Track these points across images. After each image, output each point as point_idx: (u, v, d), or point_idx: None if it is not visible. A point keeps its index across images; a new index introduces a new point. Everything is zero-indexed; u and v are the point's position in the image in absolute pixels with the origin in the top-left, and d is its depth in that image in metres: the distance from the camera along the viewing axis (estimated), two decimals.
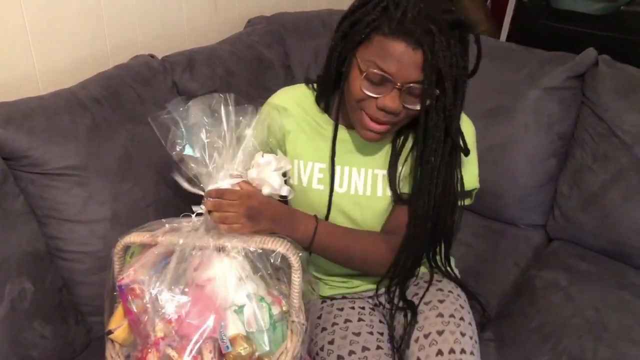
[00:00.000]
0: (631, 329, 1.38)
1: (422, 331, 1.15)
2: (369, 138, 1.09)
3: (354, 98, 1.04)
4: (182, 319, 0.96)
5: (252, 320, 0.97)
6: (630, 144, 1.55)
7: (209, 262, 0.99)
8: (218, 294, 0.97)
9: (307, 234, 1.08)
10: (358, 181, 1.19)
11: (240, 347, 0.94)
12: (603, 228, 1.61)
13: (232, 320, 0.97)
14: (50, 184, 1.22)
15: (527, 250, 1.72)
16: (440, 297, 1.20)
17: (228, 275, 0.98)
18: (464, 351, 1.10)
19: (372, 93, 1.01)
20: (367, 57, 1.00)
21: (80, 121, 1.25)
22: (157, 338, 0.96)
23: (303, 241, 1.08)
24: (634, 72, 1.61)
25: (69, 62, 1.42)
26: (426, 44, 0.95)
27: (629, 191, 1.55)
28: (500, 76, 1.73)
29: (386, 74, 0.98)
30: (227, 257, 0.99)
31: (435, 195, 1.10)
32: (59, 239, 1.25)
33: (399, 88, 0.99)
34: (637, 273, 1.58)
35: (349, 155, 1.19)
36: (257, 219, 1.00)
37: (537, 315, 1.43)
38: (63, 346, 1.25)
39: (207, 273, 0.98)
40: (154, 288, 0.97)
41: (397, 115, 1.04)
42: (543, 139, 1.68)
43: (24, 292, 1.17)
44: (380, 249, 1.16)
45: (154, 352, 0.97)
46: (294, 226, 1.07)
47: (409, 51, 0.96)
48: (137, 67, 1.43)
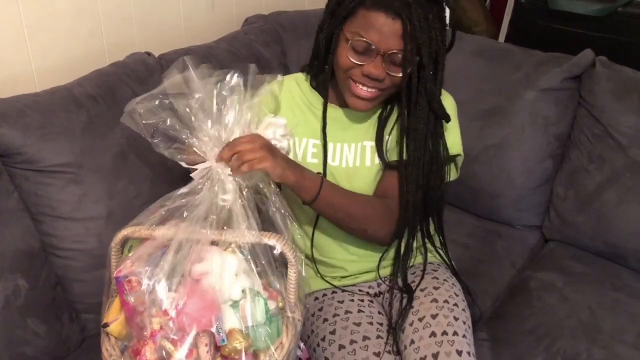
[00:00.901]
0: (625, 330, 1.38)
1: (416, 315, 1.20)
2: (358, 106, 1.17)
3: (341, 67, 1.14)
4: (178, 311, 0.96)
5: (248, 314, 0.97)
6: (626, 146, 1.55)
7: (205, 256, 0.99)
8: (214, 288, 0.97)
9: (314, 185, 1.12)
10: (349, 155, 1.26)
11: (236, 340, 0.94)
12: (599, 229, 1.61)
13: (228, 314, 0.97)
14: (44, 181, 1.21)
15: (522, 251, 1.72)
16: (435, 284, 1.27)
17: (224, 270, 0.98)
18: (456, 333, 1.14)
19: (358, 61, 1.11)
20: (353, 29, 1.10)
21: (76, 118, 1.25)
22: (153, 330, 0.96)
23: (310, 191, 1.11)
24: (630, 74, 1.61)
25: (65, 59, 1.42)
26: (404, 14, 1.04)
27: (624, 193, 1.55)
28: (496, 77, 1.73)
29: (369, 42, 1.08)
30: (223, 252, 0.99)
31: (423, 162, 1.17)
32: (54, 236, 1.25)
33: (382, 55, 1.09)
34: (632, 274, 1.58)
35: (340, 133, 1.25)
36: (275, 153, 1.02)
37: (532, 316, 1.43)
38: (57, 344, 1.25)
39: (203, 267, 0.98)
40: (150, 279, 0.97)
41: (382, 81, 1.12)
42: (539, 140, 1.68)
43: (18, 289, 1.17)
44: (377, 208, 1.21)
45: (150, 344, 0.97)
46: (303, 174, 1.10)
47: (389, 21, 1.06)
48: (133, 65, 1.42)
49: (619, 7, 2.16)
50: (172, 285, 0.97)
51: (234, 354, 0.95)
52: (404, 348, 1.17)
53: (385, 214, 1.21)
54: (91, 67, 1.39)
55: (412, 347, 1.15)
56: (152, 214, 1.02)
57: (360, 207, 1.19)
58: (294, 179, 1.06)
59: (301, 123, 1.26)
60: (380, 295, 1.35)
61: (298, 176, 1.07)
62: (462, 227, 1.77)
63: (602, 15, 2.18)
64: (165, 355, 0.95)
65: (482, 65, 1.77)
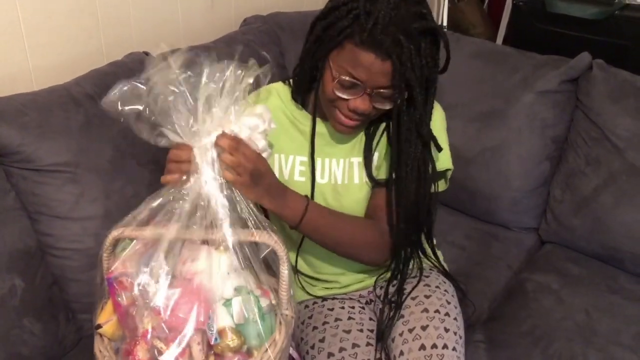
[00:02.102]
0: (621, 332, 1.39)
1: (406, 326, 1.18)
2: (343, 132, 1.16)
3: (327, 98, 1.10)
4: (170, 311, 0.95)
5: (241, 312, 0.97)
6: (622, 149, 1.56)
7: (196, 255, 0.98)
8: (206, 287, 0.97)
9: (297, 211, 1.08)
10: (337, 171, 1.23)
11: (228, 339, 0.94)
12: (595, 232, 1.61)
13: (220, 313, 0.96)
14: (42, 181, 1.21)
15: (519, 253, 1.72)
16: (427, 292, 1.24)
17: (215, 269, 0.97)
18: (446, 346, 1.12)
19: (344, 95, 1.07)
20: (339, 62, 1.05)
21: (73, 118, 1.25)
22: (145, 330, 0.96)
23: (292, 218, 1.07)
24: (627, 77, 1.61)
25: (63, 59, 1.42)
26: (395, 54, 0.99)
27: (621, 195, 1.55)
28: (494, 79, 1.73)
29: (357, 81, 1.04)
30: (215, 251, 0.99)
31: (412, 181, 1.14)
32: (50, 235, 1.25)
33: (369, 93, 1.05)
34: (628, 277, 1.59)
35: (327, 148, 1.23)
36: (257, 182, 0.98)
37: (528, 318, 1.43)
38: (53, 343, 1.24)
39: (195, 266, 0.98)
40: (141, 280, 0.96)
41: (368, 115, 1.10)
42: (536, 143, 1.68)
43: (14, 288, 1.16)
44: (367, 230, 1.17)
45: (142, 344, 0.97)
46: (284, 201, 1.06)
47: (378, 62, 1.01)
48: (131, 65, 1.42)
49: (616, 11, 2.16)
50: (163, 285, 0.96)
51: (226, 352, 0.95)
52: (393, 358, 1.16)
53: (377, 238, 1.17)
54: (89, 66, 1.39)
55: (401, 358, 1.13)
56: (140, 212, 1.01)
57: (349, 233, 1.16)
58: (272, 207, 1.03)
59: (286, 140, 1.23)
60: (371, 303, 1.33)
61: (277, 205, 1.04)
62: (459, 229, 1.77)
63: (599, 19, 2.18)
64: (157, 354, 0.94)
65: (480, 68, 1.77)
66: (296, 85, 1.22)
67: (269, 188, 1.01)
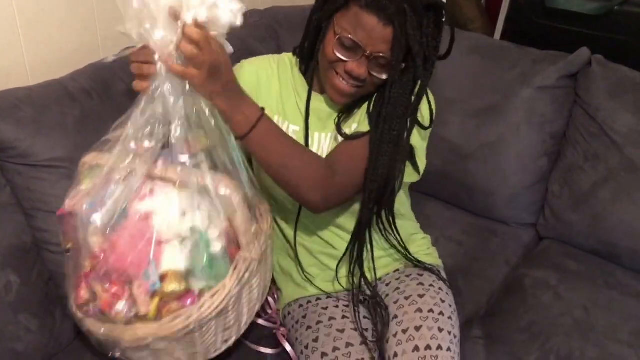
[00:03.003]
0: (619, 328, 1.39)
1: (400, 326, 1.17)
2: (335, 98, 1.16)
3: (326, 59, 1.11)
4: (107, 252, 0.94)
5: (189, 255, 0.94)
6: (621, 145, 1.55)
7: (153, 192, 0.96)
8: (155, 228, 0.94)
9: (250, 118, 1.00)
10: (324, 144, 1.23)
11: (172, 283, 0.92)
12: (593, 228, 1.61)
13: (168, 255, 0.94)
14: (37, 176, 1.20)
15: (517, 249, 1.72)
16: (420, 291, 1.23)
17: (167, 208, 0.95)
18: (440, 347, 1.12)
19: (343, 56, 1.08)
20: (343, 23, 1.07)
21: (69, 113, 1.24)
22: (86, 272, 0.95)
23: (243, 124, 0.99)
24: (626, 73, 1.61)
25: (58, 53, 1.40)
26: (397, 21, 1.02)
27: (619, 191, 1.55)
28: (492, 74, 1.72)
29: (357, 42, 1.06)
30: (171, 188, 0.96)
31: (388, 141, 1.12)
32: (46, 231, 1.24)
33: (367, 56, 1.07)
34: (626, 273, 1.59)
35: (319, 122, 1.23)
36: (215, 77, 0.91)
37: (526, 314, 1.43)
38: (49, 340, 1.24)
39: (147, 205, 0.95)
40: (85, 217, 0.94)
41: (362, 81, 1.11)
42: (535, 138, 1.68)
43: (10, 284, 1.16)
44: (316, 164, 1.10)
45: (83, 285, 0.97)
46: (239, 105, 0.99)
47: (380, 26, 1.03)
48: (128, 59, 1.41)
49: (615, 6, 2.16)
50: (109, 223, 0.94)
51: (167, 298, 0.93)
52: (387, 359, 1.16)
53: (324, 175, 1.09)
54: (85, 60, 1.38)
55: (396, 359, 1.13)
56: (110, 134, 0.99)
57: (297, 158, 1.08)
58: (225, 107, 0.96)
59: (287, 106, 1.24)
60: (366, 301, 1.31)
61: (232, 106, 0.97)
62: (457, 224, 1.77)
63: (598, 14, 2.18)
64: (97, 297, 0.95)
65: (478, 63, 1.76)
66: (302, 51, 1.23)
67: (226, 86, 0.95)
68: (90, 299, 0.98)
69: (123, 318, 0.95)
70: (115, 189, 0.96)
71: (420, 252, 1.37)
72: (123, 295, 0.94)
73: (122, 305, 0.94)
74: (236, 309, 1.03)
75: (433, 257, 1.40)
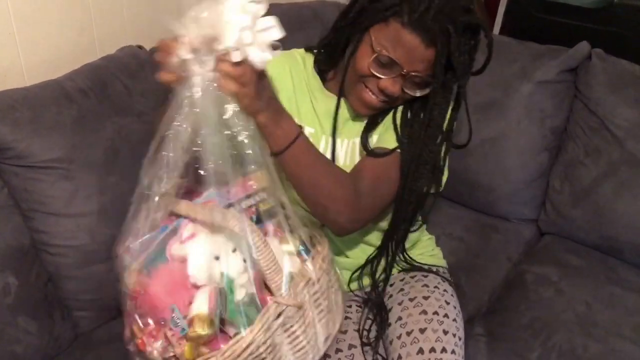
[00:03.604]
0: (621, 324, 1.38)
1: (405, 328, 1.16)
2: (361, 111, 1.13)
3: (359, 72, 1.07)
4: (143, 294, 0.95)
5: (212, 303, 0.93)
6: (622, 139, 1.54)
7: (194, 236, 0.96)
8: (189, 272, 0.94)
9: (289, 134, 0.96)
10: (340, 151, 1.20)
11: (196, 329, 0.90)
12: (595, 223, 1.60)
13: (199, 300, 0.93)
14: (35, 177, 1.20)
15: (518, 245, 1.71)
16: (425, 293, 1.22)
17: (204, 252, 0.94)
18: (444, 350, 1.11)
19: (378, 73, 1.04)
20: (381, 38, 1.02)
21: (66, 113, 1.23)
22: (128, 311, 0.97)
23: (282, 140, 0.95)
24: (627, 66, 1.60)
25: (55, 53, 1.40)
26: (440, 42, 0.97)
27: (620, 186, 1.54)
28: (492, 69, 1.66)
29: (396, 61, 1.02)
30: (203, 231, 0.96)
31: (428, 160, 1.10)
32: (45, 232, 1.23)
33: (403, 75, 1.03)
34: (628, 268, 1.58)
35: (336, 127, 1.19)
36: (260, 94, 0.87)
37: (528, 310, 1.42)
38: (48, 341, 1.23)
39: (187, 247, 0.95)
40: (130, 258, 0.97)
41: (395, 99, 1.08)
42: (535, 133, 1.67)
43: (8, 286, 1.15)
44: (348, 190, 1.06)
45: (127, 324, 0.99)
46: (280, 120, 0.94)
47: (422, 47, 0.99)
48: (124, 59, 1.40)
49: None
50: (146, 264, 0.96)
51: (196, 341, 0.92)
52: None
53: (353, 200, 1.06)
54: (82, 60, 1.37)
55: None
56: None
57: (330, 182, 1.04)
58: (267, 123, 0.91)
59: (300, 105, 1.20)
60: (368, 303, 1.30)
61: (274, 121, 0.92)
62: (458, 221, 1.76)
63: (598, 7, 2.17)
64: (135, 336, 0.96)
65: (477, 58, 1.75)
66: (326, 54, 1.19)
67: (268, 102, 0.91)
68: (130, 337, 0.98)
69: (159, 358, 0.94)
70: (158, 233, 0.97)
71: (425, 253, 1.36)
72: (158, 336, 0.95)
73: (158, 345, 0.94)
74: (276, 356, 0.97)
75: (437, 257, 1.39)
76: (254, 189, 1.00)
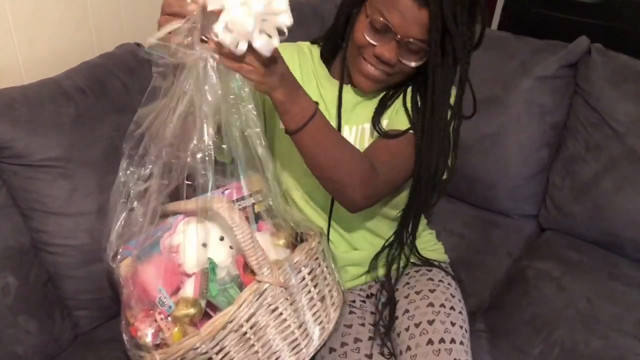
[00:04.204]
0: (623, 319, 1.38)
1: (412, 320, 1.17)
2: (362, 85, 1.13)
3: (356, 43, 1.08)
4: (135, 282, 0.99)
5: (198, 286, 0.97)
6: (623, 134, 1.54)
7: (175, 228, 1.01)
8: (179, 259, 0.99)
9: (306, 111, 0.95)
10: (349, 138, 1.19)
11: (184, 308, 0.94)
12: (595, 218, 1.60)
13: (188, 284, 0.97)
14: (33, 176, 1.19)
15: (519, 241, 1.71)
16: (431, 286, 1.23)
17: (193, 240, 0.98)
18: (453, 341, 1.12)
19: (372, 40, 1.05)
20: (375, 4, 1.03)
21: (65, 111, 1.22)
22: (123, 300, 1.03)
23: (299, 117, 0.95)
24: (627, 61, 1.60)
25: (52, 51, 1.39)
26: (433, 3, 0.97)
27: (621, 181, 1.54)
28: (492, 65, 1.71)
29: (389, 24, 1.02)
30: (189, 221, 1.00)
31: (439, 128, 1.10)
32: (44, 232, 1.22)
33: (398, 41, 1.03)
34: (629, 263, 1.58)
35: (344, 114, 1.19)
36: (271, 70, 0.86)
37: (530, 306, 1.42)
38: (49, 341, 1.22)
39: (178, 237, 1.00)
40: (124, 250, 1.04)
41: (391, 67, 1.07)
42: (535, 129, 1.67)
43: (8, 287, 1.14)
44: (365, 165, 1.06)
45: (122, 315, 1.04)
46: (297, 96, 0.94)
47: (414, 8, 0.99)
48: (122, 56, 1.39)
49: None
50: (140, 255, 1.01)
51: (182, 319, 0.95)
52: (399, 353, 1.15)
53: (370, 174, 1.06)
54: (79, 58, 1.36)
55: (409, 353, 1.12)
56: None
57: (347, 158, 1.04)
58: (283, 99, 0.91)
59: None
60: (372, 297, 1.32)
61: (290, 97, 0.92)
62: (458, 216, 1.76)
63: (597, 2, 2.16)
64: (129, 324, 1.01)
65: (477, 54, 1.73)
66: (328, 39, 1.19)
67: (282, 78, 0.89)
68: (125, 326, 1.01)
69: (150, 343, 0.97)
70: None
71: (427, 248, 1.36)
72: (149, 322, 0.98)
73: (149, 331, 0.97)
74: (262, 339, 0.97)
75: (439, 252, 1.40)
76: (249, 191, 1.04)
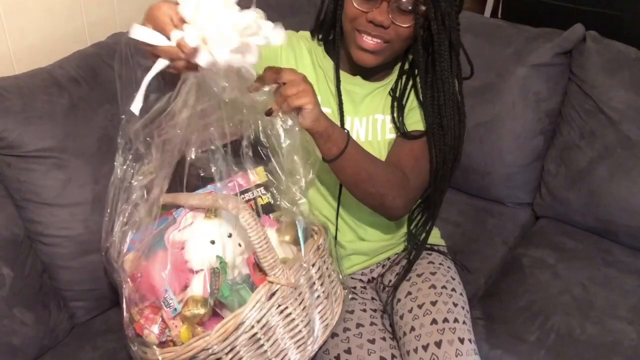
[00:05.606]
0: (618, 305, 1.39)
1: (415, 302, 1.19)
2: (363, 59, 1.11)
3: (348, 17, 1.09)
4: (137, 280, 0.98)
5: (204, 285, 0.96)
6: (617, 121, 1.54)
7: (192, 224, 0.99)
8: (186, 256, 0.98)
9: (343, 134, 1.03)
10: (360, 129, 1.21)
11: (193, 308, 0.93)
12: (590, 205, 1.61)
13: (195, 282, 0.96)
14: (27, 167, 1.18)
15: (514, 229, 1.71)
16: (432, 269, 1.26)
17: (200, 237, 0.97)
18: (457, 320, 1.14)
19: (363, 8, 1.06)
20: None
21: (57, 101, 1.21)
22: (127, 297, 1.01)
23: (338, 143, 1.01)
24: (621, 49, 1.59)
25: (44, 40, 1.37)
26: None
27: (616, 168, 1.54)
28: (486, 53, 1.70)
29: None
30: (199, 218, 0.98)
31: (454, 125, 1.17)
32: (39, 223, 1.22)
33: (388, 2, 1.04)
34: (623, 250, 1.59)
35: (352, 106, 1.21)
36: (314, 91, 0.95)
37: (525, 293, 1.43)
38: (45, 333, 1.22)
39: (184, 233, 0.98)
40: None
41: (386, 29, 1.06)
42: (530, 117, 1.66)
43: (3, 278, 1.14)
44: (397, 174, 1.13)
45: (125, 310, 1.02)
46: (331, 123, 1.00)
47: None
48: (115, 46, 1.38)
49: None
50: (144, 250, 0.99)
51: (191, 320, 0.94)
52: (402, 334, 1.16)
53: (404, 181, 1.13)
54: (72, 48, 1.35)
55: (413, 334, 1.13)
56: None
57: (382, 170, 1.11)
58: (326, 124, 0.97)
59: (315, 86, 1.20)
60: (373, 281, 1.34)
61: (329, 123, 0.98)
62: (453, 205, 1.76)
63: None
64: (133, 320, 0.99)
65: (471, 42, 1.73)
66: (321, 26, 1.20)
67: (320, 109, 0.97)
68: (129, 322, 1.00)
69: (156, 341, 0.96)
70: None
71: None
72: (155, 319, 0.97)
73: (155, 328, 0.96)
74: (272, 339, 0.97)
75: (436, 237, 1.40)
76: (253, 184, 1.05)
